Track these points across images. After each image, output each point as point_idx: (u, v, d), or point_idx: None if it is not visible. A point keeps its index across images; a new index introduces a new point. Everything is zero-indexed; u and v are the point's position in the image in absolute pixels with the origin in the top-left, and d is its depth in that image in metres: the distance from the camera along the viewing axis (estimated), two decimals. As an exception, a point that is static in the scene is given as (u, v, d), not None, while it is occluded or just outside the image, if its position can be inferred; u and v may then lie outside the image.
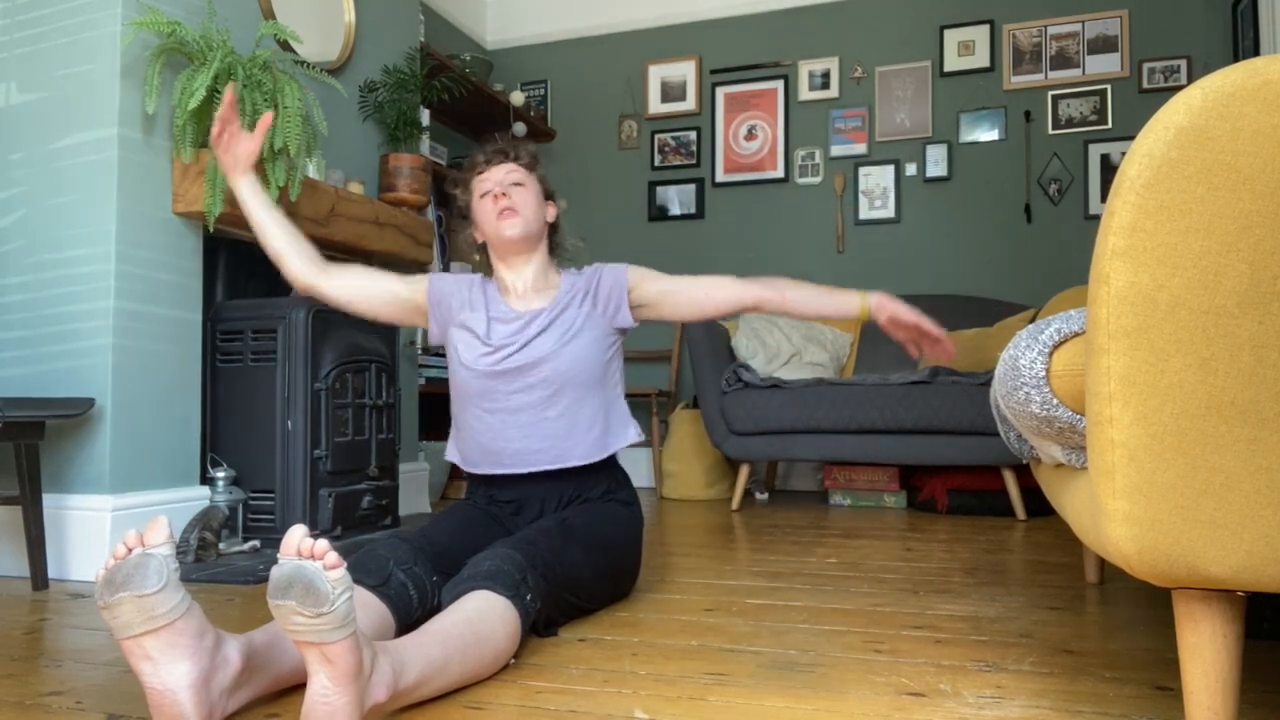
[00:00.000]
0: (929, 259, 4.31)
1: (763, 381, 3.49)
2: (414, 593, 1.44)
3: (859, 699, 1.22)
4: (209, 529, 2.32)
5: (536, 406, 1.76)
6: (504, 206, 1.82)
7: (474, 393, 1.79)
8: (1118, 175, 0.92)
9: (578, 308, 1.83)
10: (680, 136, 4.69)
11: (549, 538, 1.58)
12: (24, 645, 1.55)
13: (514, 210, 1.82)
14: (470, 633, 1.28)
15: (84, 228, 2.25)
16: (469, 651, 1.25)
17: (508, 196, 1.82)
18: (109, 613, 1.06)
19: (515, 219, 1.82)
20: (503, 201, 1.82)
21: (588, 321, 1.82)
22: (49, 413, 2.04)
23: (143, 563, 1.06)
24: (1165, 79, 4.02)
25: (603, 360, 1.82)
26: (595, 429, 1.80)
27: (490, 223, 1.84)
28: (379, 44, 3.30)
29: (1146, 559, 0.93)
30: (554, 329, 1.79)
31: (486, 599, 1.36)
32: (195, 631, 1.09)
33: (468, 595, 1.36)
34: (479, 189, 1.88)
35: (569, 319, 1.81)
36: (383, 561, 1.45)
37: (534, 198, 1.86)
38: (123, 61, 2.26)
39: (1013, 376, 1.15)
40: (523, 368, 1.76)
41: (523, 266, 1.87)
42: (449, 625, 1.27)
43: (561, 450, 1.77)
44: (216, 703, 1.11)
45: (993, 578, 2.09)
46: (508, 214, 1.81)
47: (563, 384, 1.76)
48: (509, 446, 1.78)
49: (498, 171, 1.86)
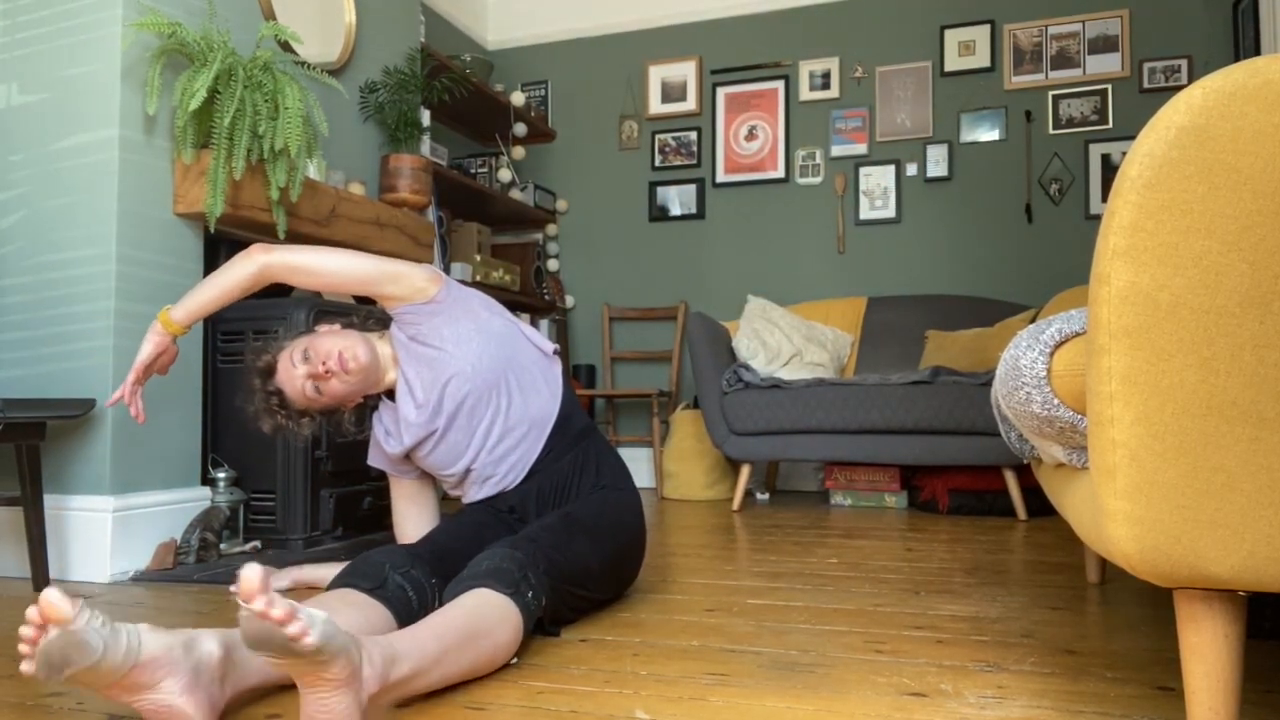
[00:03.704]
0: (929, 259, 4.31)
1: (763, 382, 3.49)
2: (413, 595, 1.44)
3: (860, 699, 1.22)
4: (210, 530, 2.32)
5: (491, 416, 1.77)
6: (339, 364, 1.69)
7: (448, 462, 1.80)
8: (1119, 175, 0.92)
9: (412, 337, 1.77)
10: (681, 137, 4.69)
11: (552, 533, 1.57)
12: (25, 646, 1.55)
13: (342, 355, 1.70)
14: (467, 628, 1.27)
15: (85, 229, 2.25)
16: (465, 646, 1.24)
17: (327, 359, 1.69)
18: (72, 684, 1.03)
19: (351, 356, 1.70)
20: (330, 363, 1.69)
21: (430, 336, 1.75)
22: (50, 413, 2.04)
23: (70, 640, 0.99)
24: (1166, 79, 4.02)
25: (471, 332, 1.75)
26: (535, 376, 1.81)
27: (347, 392, 1.73)
28: (379, 44, 3.30)
29: (1148, 559, 0.93)
30: (426, 366, 1.75)
31: (485, 596, 1.35)
32: (160, 654, 1.07)
33: (466, 593, 1.36)
34: (294, 393, 1.73)
35: (423, 352, 1.75)
36: (378, 567, 1.44)
37: (323, 339, 1.73)
38: (123, 62, 2.26)
39: (1014, 376, 1.15)
40: (450, 413, 1.74)
41: (380, 376, 1.81)
42: (445, 619, 1.27)
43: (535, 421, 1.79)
44: (215, 694, 1.12)
45: (994, 578, 2.09)
46: (342, 360, 1.69)
47: (480, 383, 1.74)
48: (498, 470, 1.80)
49: (285, 370, 1.72)
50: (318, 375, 1.70)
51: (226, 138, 2.31)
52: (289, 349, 1.75)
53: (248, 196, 2.42)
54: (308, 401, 1.74)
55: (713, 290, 4.60)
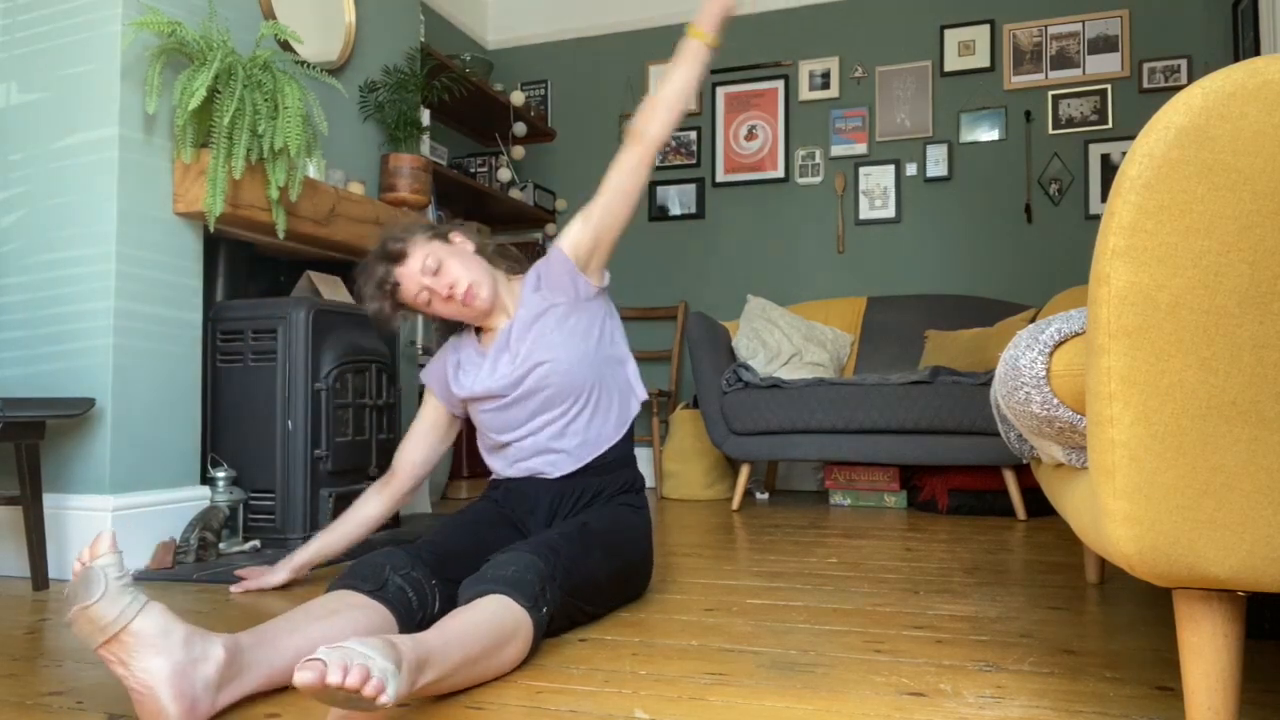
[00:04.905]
0: (929, 259, 4.31)
1: (763, 381, 3.49)
2: (413, 596, 1.44)
3: (859, 699, 1.22)
4: (209, 529, 2.32)
5: (557, 415, 1.79)
6: (460, 295, 1.73)
7: (495, 427, 1.83)
8: (1118, 175, 0.92)
9: (541, 298, 1.81)
10: (680, 136, 4.69)
11: (571, 544, 1.56)
12: (24, 645, 1.55)
13: (469, 290, 1.74)
14: (488, 637, 1.27)
15: (84, 228, 2.25)
16: (481, 661, 1.25)
17: (453, 286, 1.73)
18: (74, 628, 1.09)
19: (477, 293, 1.75)
20: (455, 292, 1.73)
21: (558, 313, 1.79)
22: (49, 413, 2.04)
23: (85, 575, 1.08)
24: (1166, 79, 4.02)
25: (593, 339, 1.81)
26: (614, 406, 1.84)
27: (457, 315, 1.79)
28: (379, 44, 3.30)
29: (1147, 559, 0.93)
30: (534, 340, 1.78)
31: (507, 607, 1.34)
32: (157, 629, 1.09)
33: (487, 598, 1.35)
34: (410, 301, 1.78)
35: (543, 324, 1.79)
36: (378, 568, 1.44)
37: (456, 259, 1.77)
38: (123, 62, 2.26)
39: (1013, 376, 1.15)
40: (530, 389, 1.77)
41: (490, 314, 1.84)
42: (469, 627, 1.26)
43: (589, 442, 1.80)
44: (201, 696, 1.11)
45: (993, 578, 2.09)
46: (468, 295, 1.74)
47: (566, 383, 1.77)
48: (536, 459, 1.81)
49: (410, 281, 1.76)
50: (437, 293, 1.74)
51: (226, 137, 2.31)
52: (423, 247, 1.76)
53: (247, 196, 2.42)
54: (415, 305, 1.79)
55: (713, 290, 4.60)
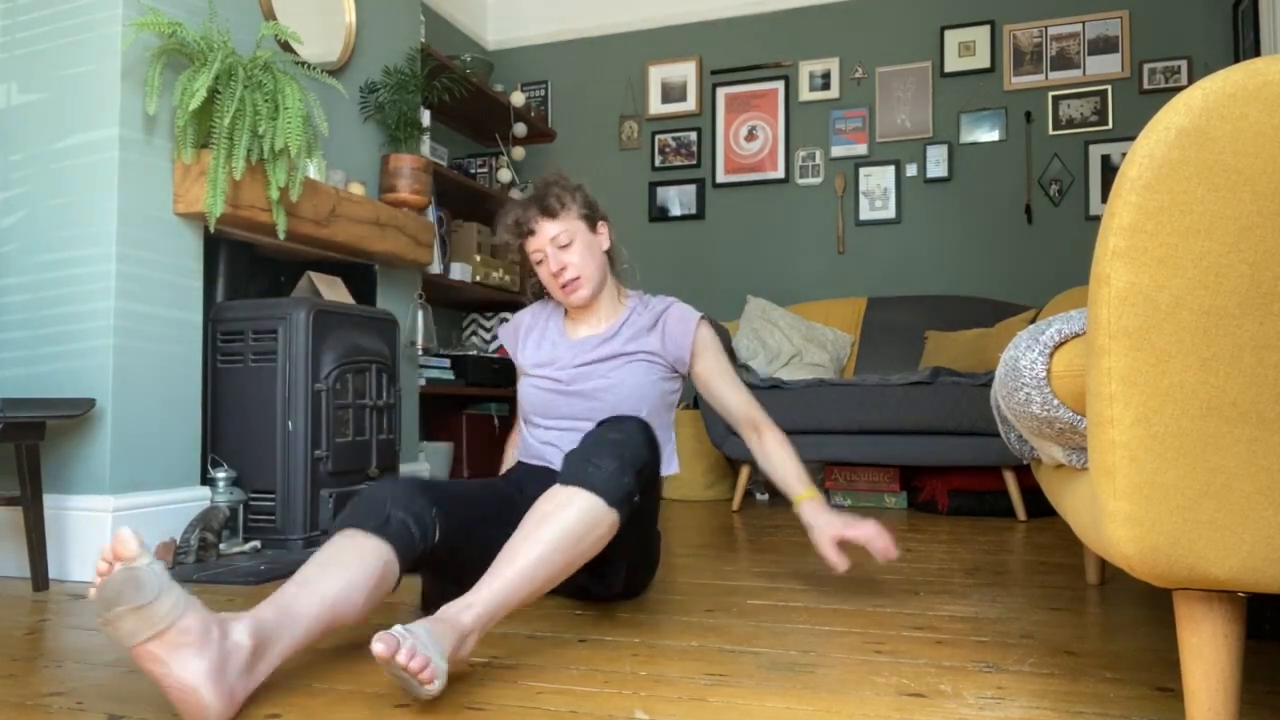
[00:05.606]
0: (930, 260, 4.31)
1: (763, 382, 3.49)
2: (415, 529, 1.45)
3: (859, 700, 1.22)
4: (209, 529, 2.32)
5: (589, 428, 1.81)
6: (565, 281, 1.86)
7: (537, 408, 1.89)
8: (1118, 176, 0.92)
9: (641, 339, 1.90)
10: (681, 137, 4.69)
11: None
12: (24, 645, 1.56)
13: (575, 282, 1.86)
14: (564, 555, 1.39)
15: (85, 228, 2.25)
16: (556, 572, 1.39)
17: (565, 269, 1.85)
18: (111, 628, 1.08)
19: (578, 288, 1.87)
20: (562, 276, 1.86)
21: (648, 354, 1.89)
22: (50, 413, 2.04)
23: (130, 576, 1.07)
24: (1166, 79, 4.02)
25: (659, 390, 1.90)
26: None
27: (554, 290, 1.91)
28: (379, 45, 3.30)
29: (1147, 560, 0.93)
30: (616, 358, 1.87)
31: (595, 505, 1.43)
32: (199, 627, 1.10)
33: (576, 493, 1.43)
34: (530, 251, 1.90)
35: (632, 349, 1.88)
36: (379, 504, 1.45)
37: (585, 249, 1.88)
38: (123, 62, 2.26)
39: (1013, 377, 1.15)
40: (583, 391, 1.84)
41: (591, 309, 1.95)
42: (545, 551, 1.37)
43: None
44: (235, 686, 1.13)
45: (993, 578, 2.09)
46: (571, 286, 1.87)
47: (619, 408, 1.83)
48: (553, 458, 1.85)
49: (541, 238, 1.87)
50: (549, 263, 1.86)
51: (226, 137, 2.31)
52: (570, 222, 1.87)
53: (248, 196, 2.42)
54: (529, 254, 1.90)
55: (713, 290, 4.60)
